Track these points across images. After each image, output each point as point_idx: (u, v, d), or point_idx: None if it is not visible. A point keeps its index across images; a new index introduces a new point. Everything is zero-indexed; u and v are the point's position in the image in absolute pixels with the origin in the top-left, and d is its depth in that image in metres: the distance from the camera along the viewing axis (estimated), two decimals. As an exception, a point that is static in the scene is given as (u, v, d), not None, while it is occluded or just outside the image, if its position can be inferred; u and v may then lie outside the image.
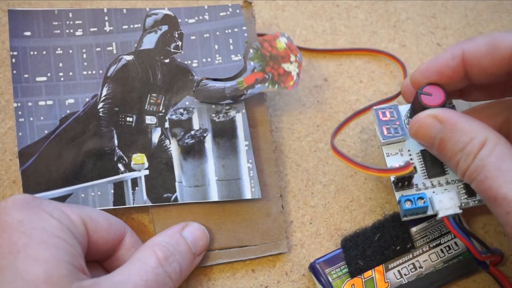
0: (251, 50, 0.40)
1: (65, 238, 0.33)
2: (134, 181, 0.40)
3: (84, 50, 0.41)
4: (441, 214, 0.36)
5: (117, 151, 0.40)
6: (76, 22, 0.41)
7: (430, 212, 0.37)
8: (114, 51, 0.41)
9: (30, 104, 0.40)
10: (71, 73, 0.41)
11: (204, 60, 0.42)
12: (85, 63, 0.41)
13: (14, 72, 0.40)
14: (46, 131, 0.40)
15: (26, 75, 0.40)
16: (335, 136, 0.37)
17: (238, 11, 0.42)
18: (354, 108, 0.44)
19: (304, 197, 0.42)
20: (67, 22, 0.41)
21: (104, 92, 0.40)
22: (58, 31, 0.41)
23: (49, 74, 0.40)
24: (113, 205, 0.39)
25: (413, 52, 0.46)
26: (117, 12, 0.42)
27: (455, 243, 0.39)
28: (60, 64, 0.41)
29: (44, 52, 0.41)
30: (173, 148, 0.40)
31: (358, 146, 0.43)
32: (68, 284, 0.31)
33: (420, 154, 0.38)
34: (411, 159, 0.38)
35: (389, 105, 0.39)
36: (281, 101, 0.44)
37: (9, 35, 0.41)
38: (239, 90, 0.40)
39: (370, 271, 0.39)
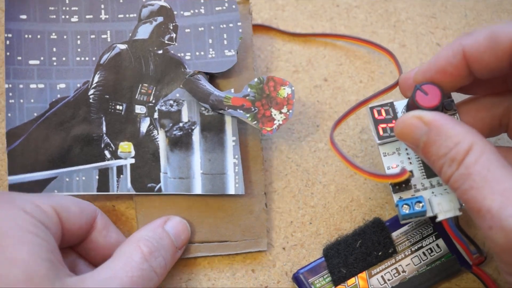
0: (255, 79, 0.40)
1: (40, 234, 0.32)
2: (120, 169, 0.40)
3: (78, 37, 0.41)
4: (440, 217, 0.35)
5: (105, 138, 0.40)
6: (73, 8, 0.42)
7: (429, 215, 0.36)
8: (109, 39, 0.41)
9: (21, 86, 0.40)
10: (64, 58, 0.41)
11: (197, 53, 0.42)
12: (79, 49, 0.41)
13: (8, 54, 0.40)
14: (35, 114, 0.40)
15: (19, 58, 0.41)
16: (335, 128, 0.36)
17: (234, 6, 0.42)
18: (352, 114, 0.44)
19: (304, 197, 0.42)
20: (63, 8, 0.42)
21: (96, 79, 0.41)
22: (54, 16, 0.41)
23: (42, 58, 0.41)
24: (97, 191, 0.40)
25: (413, 52, 0.46)
26: (113, 1, 0.42)
27: (437, 245, 0.39)
28: (54, 49, 0.41)
29: (39, 36, 0.41)
30: (161, 138, 0.40)
31: (358, 146, 0.43)
32: (50, 283, 0.30)
33: None
34: (408, 158, 0.37)
35: (385, 102, 0.38)
36: (281, 101, 0.45)
37: (5, 17, 0.41)
38: (222, 104, 0.40)
39: (353, 279, 0.39)
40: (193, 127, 0.40)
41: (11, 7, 0.41)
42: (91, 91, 0.40)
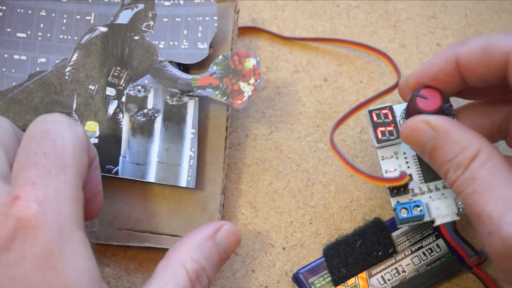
0: (220, 56, 0.41)
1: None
2: None
3: (65, 16, 0.43)
4: (438, 222, 0.35)
5: (74, 115, 0.41)
6: None
7: (427, 219, 0.36)
8: (92, 21, 0.43)
9: (6, 56, 0.42)
10: (48, 35, 0.42)
11: (171, 43, 0.42)
12: (64, 28, 0.43)
13: None
14: (14, 83, 0.42)
15: (8, 29, 0.43)
16: (335, 129, 0.36)
17: (212, 0, 0.42)
18: (352, 116, 0.44)
19: (304, 197, 0.42)
20: None
21: (74, 58, 0.42)
22: None
23: (29, 32, 0.42)
24: None
25: (413, 52, 0.46)
26: None
27: (437, 245, 0.39)
28: (41, 25, 0.43)
29: (30, 12, 0.43)
30: (125, 122, 0.41)
31: (358, 146, 0.43)
32: None
33: (416, 157, 0.37)
34: (406, 162, 0.37)
35: (384, 106, 0.38)
36: (281, 101, 0.45)
37: None
38: (190, 86, 0.41)
39: (353, 279, 0.38)
40: (156, 115, 0.41)
41: None
42: (68, 69, 0.42)
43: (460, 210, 0.36)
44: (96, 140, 0.41)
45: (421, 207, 0.35)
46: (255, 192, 0.42)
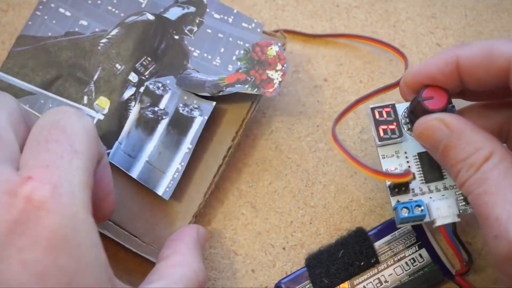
0: (241, 51, 0.41)
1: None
2: None
3: None
4: (438, 223, 0.35)
5: (91, 85, 0.41)
6: None
7: (427, 220, 0.35)
8: (143, 5, 0.43)
9: (52, 5, 0.43)
10: (99, 2, 0.43)
11: (205, 55, 0.42)
12: (114, 1, 0.43)
13: None
14: (49, 34, 0.43)
15: None
16: (337, 122, 0.36)
17: (259, 30, 0.42)
18: (354, 109, 0.44)
19: (304, 197, 0.42)
20: None
21: (113, 32, 0.42)
22: None
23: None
24: None
25: (413, 52, 0.46)
26: None
27: (420, 255, 0.39)
28: None
29: None
30: (134, 112, 0.41)
31: (358, 146, 0.43)
32: None
33: (417, 157, 0.37)
34: (407, 162, 0.37)
35: (386, 103, 0.37)
36: (281, 101, 0.45)
37: None
38: (219, 86, 0.41)
39: None
40: (164, 117, 0.41)
41: None
42: (104, 40, 0.42)
43: (461, 211, 0.36)
44: (101, 117, 0.41)
45: (422, 207, 0.35)
46: (255, 192, 0.42)
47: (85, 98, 0.41)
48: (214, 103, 0.41)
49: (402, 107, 0.38)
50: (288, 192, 0.42)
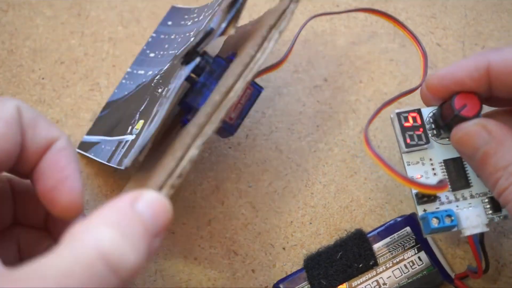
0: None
1: None
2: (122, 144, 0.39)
3: (182, 35, 0.44)
4: (467, 233, 0.34)
5: (137, 115, 0.39)
6: (194, 15, 0.44)
7: (455, 230, 0.34)
8: (191, 38, 0.40)
9: (135, 72, 0.44)
10: (164, 52, 0.44)
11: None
12: (175, 45, 0.43)
13: (144, 48, 0.45)
14: (126, 92, 0.43)
15: (148, 51, 0.45)
16: (369, 124, 0.34)
17: None
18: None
19: (304, 197, 0.42)
20: (191, 15, 0.45)
21: (165, 67, 0.41)
22: (183, 22, 0.45)
23: (156, 52, 0.44)
24: (107, 161, 0.39)
25: (413, 52, 0.46)
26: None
27: (419, 258, 0.39)
28: (166, 45, 0.44)
29: (166, 37, 0.45)
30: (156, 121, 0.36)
31: (358, 146, 0.43)
32: None
33: (443, 164, 0.36)
34: (433, 169, 0.36)
35: (412, 108, 0.36)
36: (281, 101, 0.45)
37: (160, 23, 0.46)
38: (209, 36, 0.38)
39: None
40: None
41: (168, 16, 0.46)
42: (158, 76, 0.42)
43: (488, 220, 0.35)
44: (133, 137, 0.37)
45: (453, 217, 0.34)
46: (255, 192, 0.42)
47: (130, 128, 0.39)
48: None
49: (426, 112, 0.36)
50: (288, 192, 0.42)
